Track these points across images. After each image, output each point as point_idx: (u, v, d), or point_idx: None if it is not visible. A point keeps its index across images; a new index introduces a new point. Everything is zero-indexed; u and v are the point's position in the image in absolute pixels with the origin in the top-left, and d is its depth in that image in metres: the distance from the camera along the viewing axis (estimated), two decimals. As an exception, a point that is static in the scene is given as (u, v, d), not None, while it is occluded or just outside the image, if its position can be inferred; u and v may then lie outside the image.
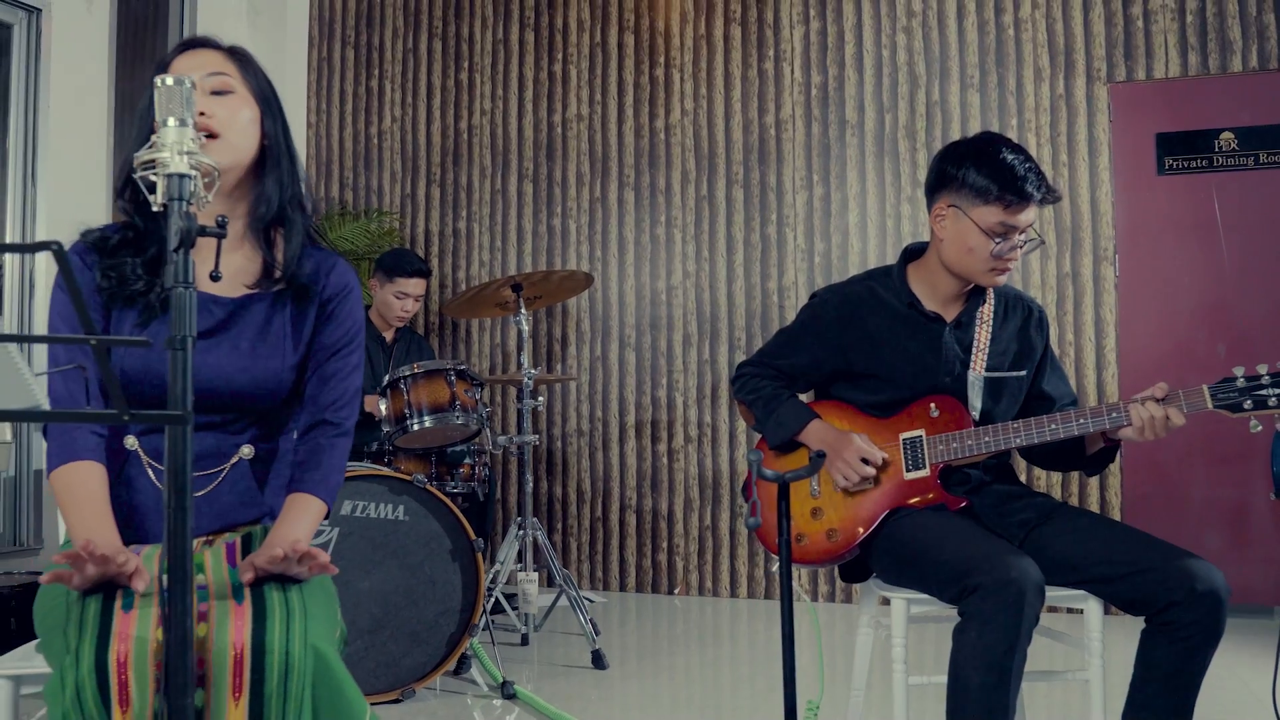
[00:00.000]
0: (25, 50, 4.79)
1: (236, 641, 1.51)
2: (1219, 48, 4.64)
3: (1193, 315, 4.68)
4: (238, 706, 1.51)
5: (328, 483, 1.85)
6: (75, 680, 1.46)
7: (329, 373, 1.90)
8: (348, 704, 1.55)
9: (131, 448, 1.79)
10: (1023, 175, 2.20)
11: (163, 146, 1.39)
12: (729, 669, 3.91)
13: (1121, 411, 2.18)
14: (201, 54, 1.86)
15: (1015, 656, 1.94)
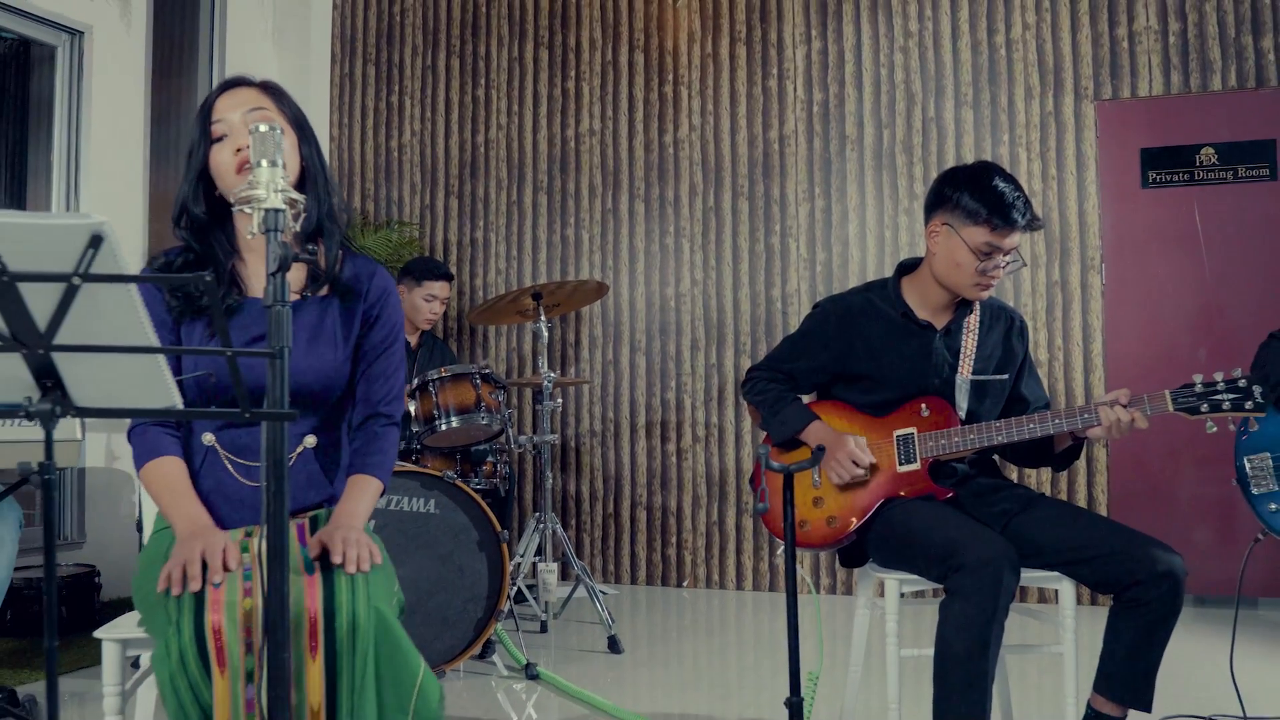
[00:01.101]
0: (68, 70, 5.05)
1: (311, 608, 1.75)
2: (1200, 67, 4.87)
3: (1175, 321, 4.87)
4: (315, 661, 1.75)
5: (384, 465, 2.09)
6: (179, 647, 1.69)
7: (377, 371, 2.13)
8: (405, 658, 1.79)
9: (209, 444, 2.02)
10: (1010, 203, 2.44)
11: (258, 184, 1.62)
12: (734, 656, 4.14)
13: (1092, 413, 2.43)
14: (240, 92, 2.06)
15: (994, 626, 2.19)
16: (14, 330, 1.34)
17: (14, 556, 3.33)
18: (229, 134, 2.01)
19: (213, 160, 2.02)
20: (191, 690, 1.68)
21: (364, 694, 1.74)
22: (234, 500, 2.01)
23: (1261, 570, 4.65)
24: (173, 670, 1.69)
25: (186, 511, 1.92)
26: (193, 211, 2.07)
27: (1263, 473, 2.71)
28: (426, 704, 1.78)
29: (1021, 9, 5.07)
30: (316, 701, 1.74)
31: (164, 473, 1.97)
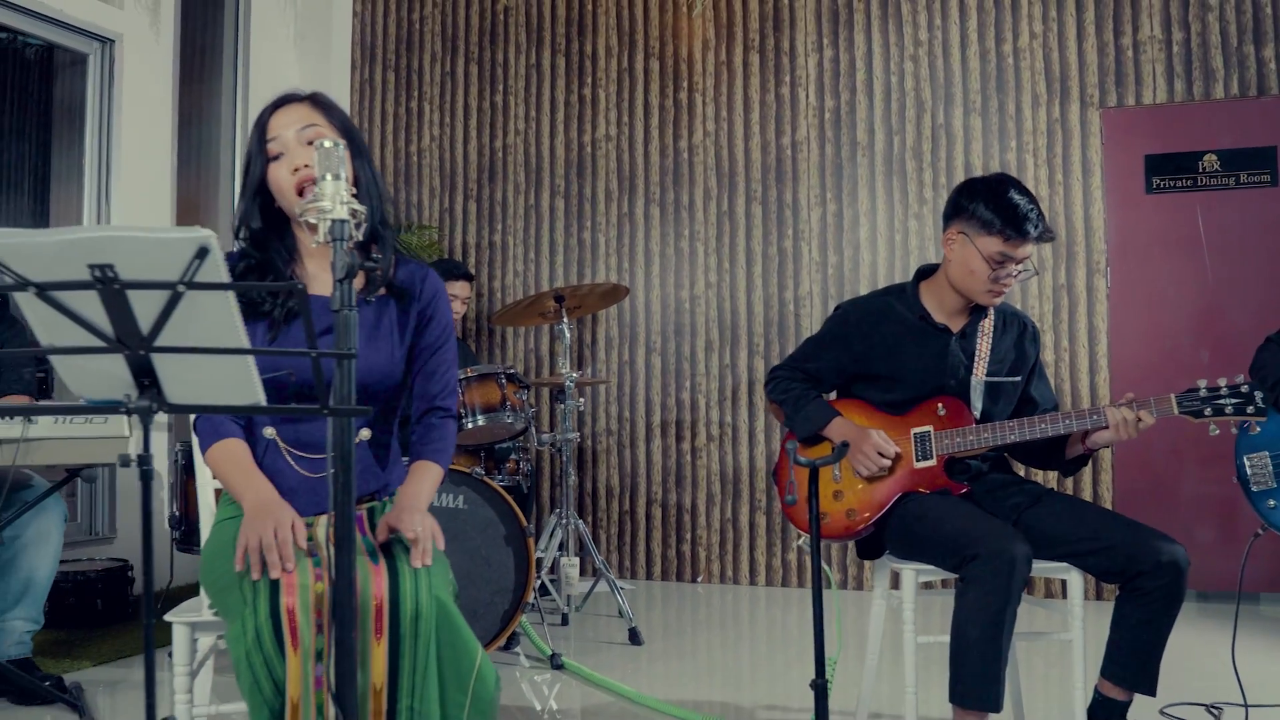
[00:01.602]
0: (99, 77, 5.18)
1: (377, 594, 1.88)
2: (1203, 76, 4.99)
3: (1178, 324, 4.98)
4: (379, 644, 1.88)
5: (444, 452, 2.22)
6: (255, 626, 1.82)
7: (432, 368, 2.26)
8: (464, 643, 1.92)
9: (270, 437, 2.15)
10: (1024, 215, 2.56)
11: (323, 197, 1.75)
12: (750, 648, 4.26)
13: (1100, 414, 2.55)
14: (293, 109, 2.17)
15: (1007, 613, 2.32)
16: (119, 333, 1.47)
17: (60, 550, 3.48)
18: (285, 152, 2.13)
19: (271, 177, 2.14)
20: (266, 666, 1.80)
21: (426, 676, 1.87)
22: (293, 490, 2.12)
23: (1263, 567, 4.77)
24: (249, 648, 1.81)
25: (255, 486, 2.04)
26: (251, 223, 2.19)
27: (1262, 471, 2.84)
28: (484, 685, 1.90)
29: (1029, 19, 5.19)
30: (380, 681, 1.86)
31: (230, 452, 2.09)
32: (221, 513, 2.22)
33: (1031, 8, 5.19)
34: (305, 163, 2.11)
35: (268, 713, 1.82)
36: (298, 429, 2.14)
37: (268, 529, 1.90)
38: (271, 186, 2.15)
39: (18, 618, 3.38)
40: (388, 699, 1.88)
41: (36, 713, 3.25)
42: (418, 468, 2.17)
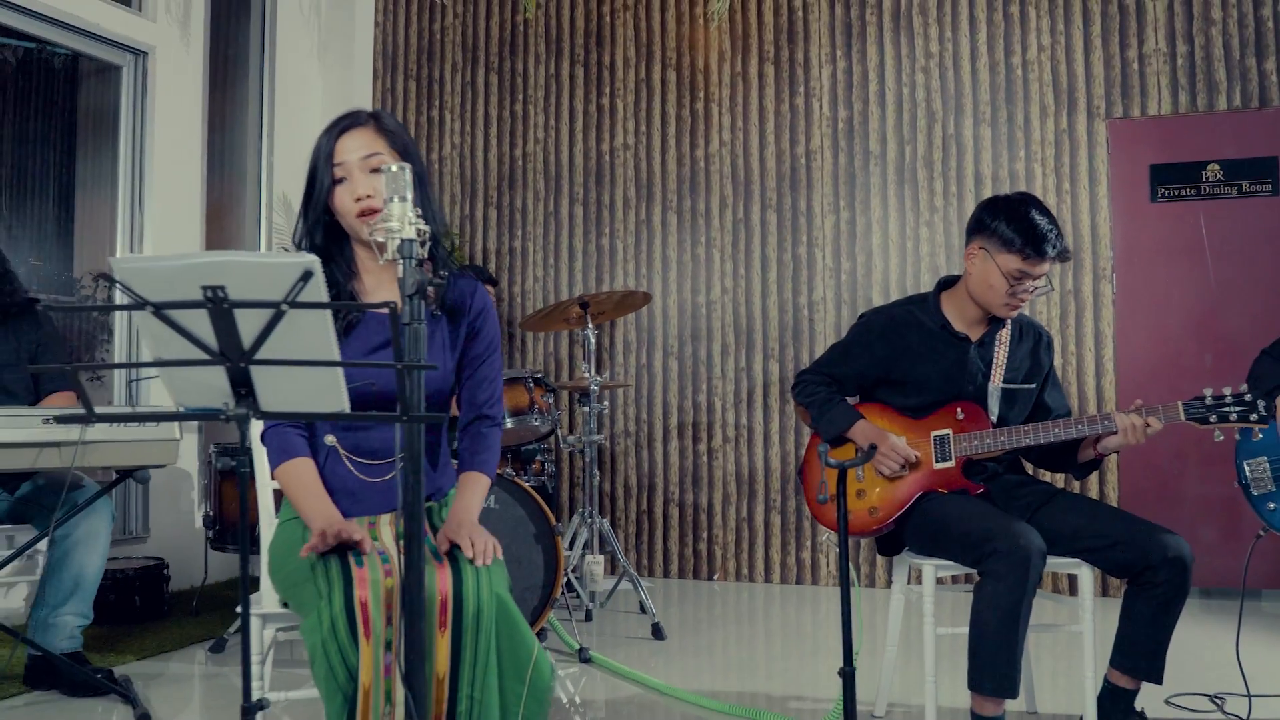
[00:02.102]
0: (132, 88, 5.33)
1: (442, 590, 2.01)
2: (1206, 88, 5.13)
3: (1182, 328, 5.11)
4: (443, 636, 2.01)
5: (490, 463, 2.36)
6: (330, 616, 1.96)
7: (480, 377, 2.39)
8: (522, 635, 2.05)
9: (331, 444, 2.29)
10: (1043, 235, 2.69)
11: (391, 218, 1.89)
12: (767, 643, 4.40)
13: (1111, 420, 2.69)
14: (358, 134, 2.28)
15: (1023, 605, 2.47)
16: (222, 347, 1.61)
17: (108, 549, 3.62)
18: (348, 177, 2.26)
19: (336, 199, 2.28)
20: (340, 655, 1.94)
21: (487, 667, 2.00)
22: (353, 494, 2.27)
23: (1265, 565, 4.91)
24: (324, 637, 1.95)
25: (320, 508, 2.18)
26: (315, 238, 2.34)
27: (1261, 476, 2.98)
28: (540, 676, 2.04)
29: (1037, 32, 5.33)
30: (442, 671, 2.00)
31: (298, 472, 2.23)
32: (284, 514, 2.36)
33: (1040, 21, 5.33)
34: (367, 192, 2.24)
35: (341, 698, 1.95)
36: (357, 437, 2.28)
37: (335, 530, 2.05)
38: (336, 207, 2.28)
39: (69, 613, 3.51)
40: (449, 688, 2.01)
41: (89, 704, 3.39)
42: (467, 480, 2.31)
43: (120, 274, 1.51)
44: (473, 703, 2.02)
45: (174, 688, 3.63)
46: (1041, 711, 3.20)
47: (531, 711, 2.03)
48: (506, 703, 2.02)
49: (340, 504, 2.25)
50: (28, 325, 3.72)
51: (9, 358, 3.68)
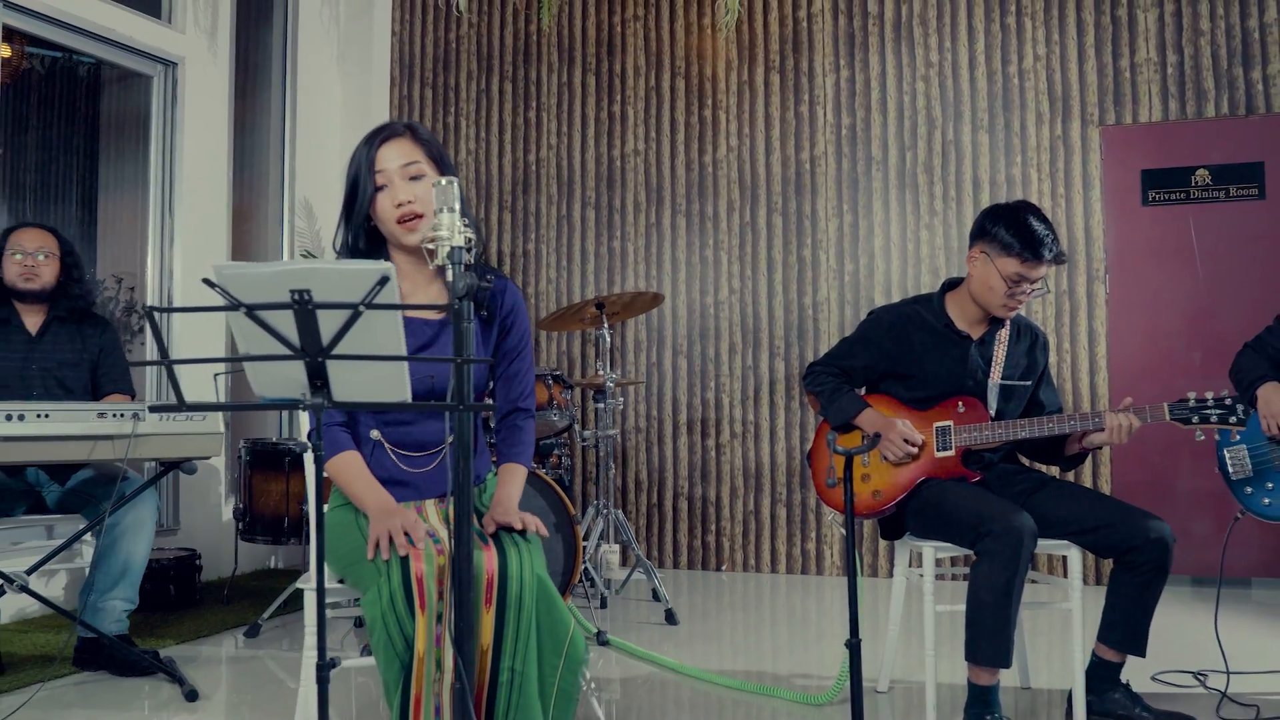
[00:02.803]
0: (163, 97, 5.53)
1: (488, 570, 2.20)
2: (1195, 96, 5.33)
3: (1172, 328, 5.30)
4: (488, 613, 2.21)
5: (526, 453, 2.57)
6: (389, 591, 2.15)
7: (513, 372, 2.59)
8: (560, 613, 2.24)
9: (375, 438, 2.50)
10: (1040, 240, 2.89)
11: (441, 227, 2.09)
12: (775, 629, 4.59)
13: (1101, 418, 2.90)
14: (396, 144, 2.46)
15: (1016, 582, 2.67)
16: (303, 344, 1.82)
17: (152, 537, 3.82)
18: (389, 185, 2.45)
19: (377, 205, 2.46)
20: (398, 625, 2.14)
21: (528, 640, 2.20)
22: (397, 483, 2.47)
23: (1253, 553, 5.11)
24: (383, 609, 2.15)
25: (375, 495, 2.38)
26: (358, 244, 2.53)
27: (1240, 463, 3.18)
28: (575, 649, 2.24)
29: (1032, 41, 5.54)
30: (486, 642, 2.20)
31: (350, 464, 2.43)
32: (334, 500, 2.56)
33: (1035, 31, 5.54)
34: (408, 198, 2.43)
35: (399, 664, 2.15)
36: (400, 431, 2.48)
37: (395, 525, 2.25)
38: (377, 213, 2.47)
39: (117, 598, 3.72)
40: (492, 660, 2.21)
41: (137, 683, 3.60)
42: (507, 471, 2.50)
43: (220, 279, 1.72)
44: (513, 674, 2.20)
45: (214, 669, 3.84)
46: (1035, 686, 3.41)
47: (567, 683, 2.23)
48: (544, 674, 2.22)
49: (388, 492, 2.45)
50: (92, 329, 3.97)
51: (73, 358, 3.91)
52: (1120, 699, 2.95)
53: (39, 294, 3.88)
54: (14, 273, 3.83)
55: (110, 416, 3.32)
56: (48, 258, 3.88)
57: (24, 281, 3.84)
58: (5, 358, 3.82)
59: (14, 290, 3.85)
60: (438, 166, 2.51)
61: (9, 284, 3.85)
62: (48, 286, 3.89)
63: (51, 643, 4.07)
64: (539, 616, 2.22)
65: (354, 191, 2.48)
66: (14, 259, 3.83)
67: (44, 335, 3.90)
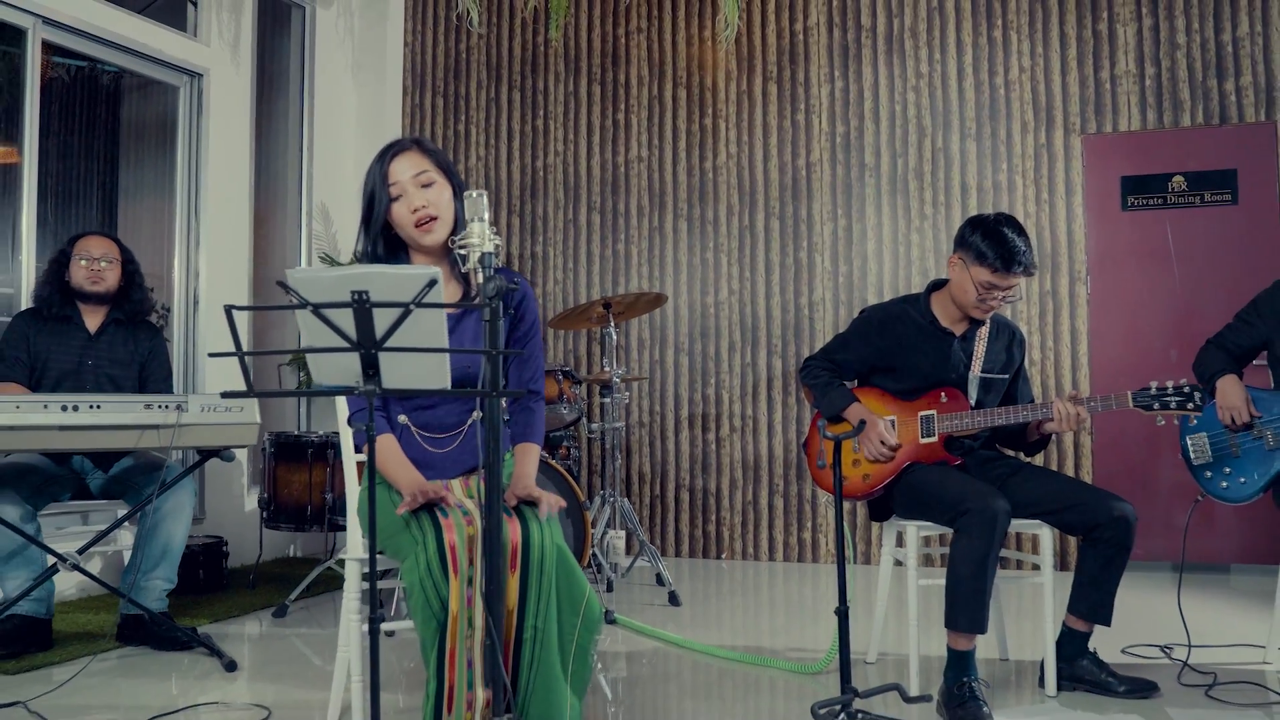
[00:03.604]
0: (189, 107, 5.79)
1: (513, 539, 2.47)
2: (1172, 107, 5.60)
3: (1150, 326, 5.56)
4: (513, 577, 2.47)
5: (540, 432, 2.83)
6: (425, 558, 2.42)
7: (525, 356, 2.86)
8: (577, 577, 2.50)
9: (404, 423, 2.76)
10: (1012, 254, 3.13)
11: (472, 235, 2.36)
12: (773, 611, 4.85)
13: (1049, 408, 3.17)
14: (406, 158, 2.71)
15: (991, 556, 2.94)
16: (360, 338, 2.09)
17: (190, 521, 4.09)
18: (403, 194, 2.71)
19: (394, 214, 2.73)
20: (435, 589, 2.41)
21: (549, 601, 2.46)
22: (426, 463, 2.74)
23: (1233, 540, 5.37)
24: (421, 575, 2.41)
25: (408, 474, 2.65)
26: (377, 250, 2.79)
27: (1201, 449, 3.46)
28: (591, 610, 2.50)
29: (1018, 54, 5.81)
30: (512, 604, 2.46)
31: (385, 445, 2.70)
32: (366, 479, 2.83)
33: (1020, 44, 5.80)
34: (422, 203, 2.69)
35: (435, 624, 2.41)
36: (425, 416, 2.75)
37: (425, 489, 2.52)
38: (394, 221, 2.73)
39: (158, 577, 3.99)
40: (517, 619, 2.48)
41: (177, 656, 3.86)
42: (523, 450, 2.77)
43: (292, 281, 1.99)
44: (536, 631, 2.47)
45: (246, 645, 4.10)
46: (1012, 658, 3.68)
47: (584, 640, 2.50)
48: (563, 632, 2.48)
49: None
50: (144, 334, 4.26)
51: (125, 358, 4.20)
52: (1088, 665, 3.22)
53: (103, 296, 4.16)
54: (81, 276, 4.11)
55: (156, 408, 3.59)
56: (111, 263, 4.16)
57: (91, 285, 4.12)
58: (64, 353, 4.10)
59: (80, 292, 4.13)
60: (445, 174, 2.76)
61: (76, 286, 4.13)
62: (111, 290, 4.18)
63: (91, 622, 4.34)
64: (558, 580, 2.47)
65: (371, 204, 2.74)
66: (80, 264, 4.12)
67: (101, 335, 4.18)
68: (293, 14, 6.54)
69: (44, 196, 7.26)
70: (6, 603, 3.72)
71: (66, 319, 4.14)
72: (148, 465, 4.13)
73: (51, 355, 4.09)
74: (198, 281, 5.71)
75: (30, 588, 3.72)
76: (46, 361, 4.09)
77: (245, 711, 3.15)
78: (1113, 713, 3.02)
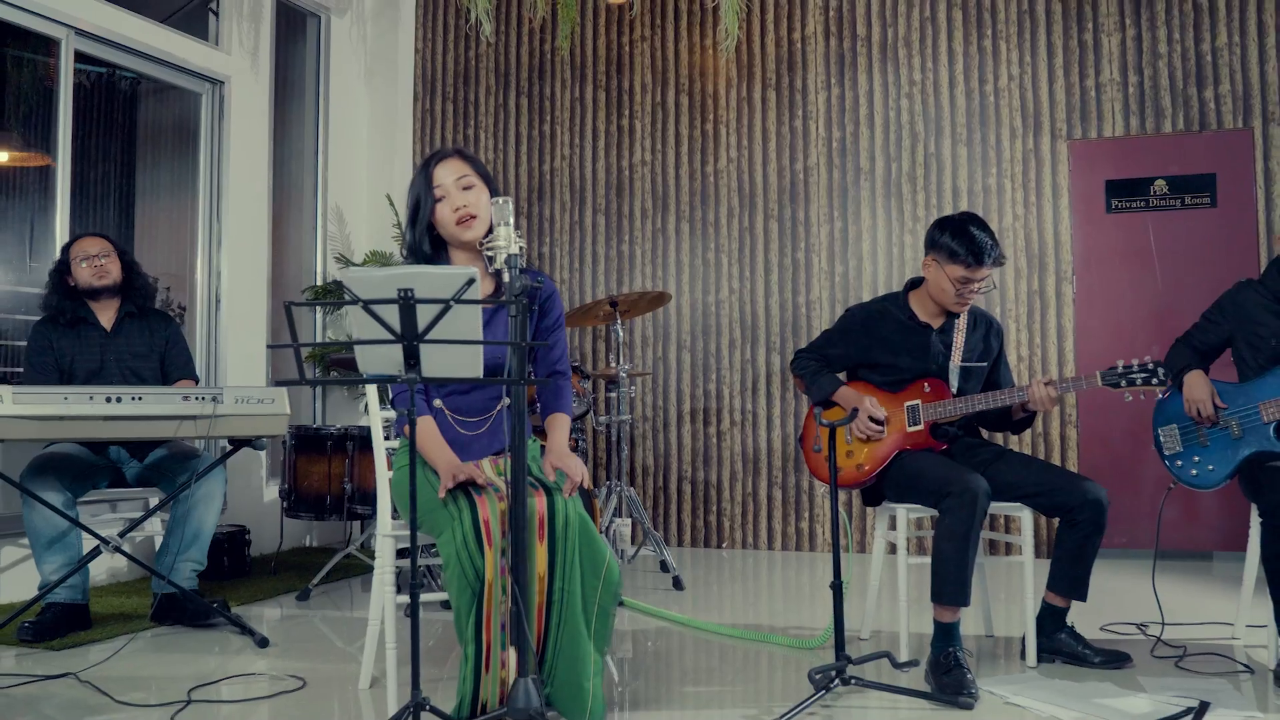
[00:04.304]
0: (210, 113, 6.03)
1: (540, 511, 2.72)
2: (1154, 114, 5.84)
3: (1133, 324, 5.79)
4: (542, 545, 2.72)
5: (568, 404, 3.08)
6: (462, 532, 2.66)
7: (550, 343, 3.10)
8: (598, 544, 2.75)
9: (439, 407, 3.01)
10: (981, 248, 3.39)
11: (499, 238, 2.61)
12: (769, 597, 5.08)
13: (1025, 391, 3.41)
14: (449, 163, 3.00)
15: (973, 534, 3.18)
16: (403, 331, 2.33)
17: (220, 507, 4.33)
18: (446, 196, 2.99)
19: (438, 213, 3.00)
20: (470, 560, 2.65)
21: (573, 566, 2.72)
22: (459, 444, 2.99)
23: (1215, 527, 5.61)
24: (458, 548, 2.65)
25: (445, 454, 2.90)
26: (423, 245, 3.04)
27: (1171, 439, 3.70)
28: (611, 574, 2.75)
29: (1007, 63, 6.05)
30: (542, 569, 2.71)
31: (425, 427, 2.95)
32: (400, 460, 3.08)
33: (1009, 53, 6.05)
34: (464, 203, 2.96)
35: (470, 592, 2.66)
36: (458, 400, 3.01)
37: (461, 471, 2.77)
38: (437, 219, 3.00)
39: (190, 559, 4.22)
40: (547, 582, 2.73)
41: (210, 634, 4.09)
42: (554, 420, 3.04)
43: (346, 280, 2.23)
44: (562, 593, 2.73)
45: (273, 625, 4.33)
46: (996, 634, 3.93)
47: (605, 601, 2.75)
48: (586, 594, 2.74)
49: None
50: (158, 323, 4.48)
51: (144, 349, 4.42)
52: (1065, 639, 3.46)
53: (112, 289, 4.38)
54: (86, 275, 4.33)
55: (194, 399, 3.83)
56: (110, 257, 4.39)
57: (98, 280, 4.34)
58: (85, 352, 4.32)
59: (90, 290, 4.35)
60: (483, 179, 3.04)
61: (84, 286, 4.35)
62: (117, 281, 4.40)
63: (125, 604, 4.57)
64: (581, 547, 2.74)
65: (417, 206, 3.03)
66: (81, 265, 4.34)
67: (118, 331, 4.40)
68: (308, 22, 6.78)
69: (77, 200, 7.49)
70: (47, 587, 3.95)
71: (81, 320, 4.35)
72: (181, 454, 4.36)
73: (75, 357, 4.31)
74: (220, 281, 5.94)
75: (73, 570, 3.96)
76: (72, 363, 4.30)
77: (281, 681, 3.39)
78: (1088, 681, 3.26)
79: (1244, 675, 3.34)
